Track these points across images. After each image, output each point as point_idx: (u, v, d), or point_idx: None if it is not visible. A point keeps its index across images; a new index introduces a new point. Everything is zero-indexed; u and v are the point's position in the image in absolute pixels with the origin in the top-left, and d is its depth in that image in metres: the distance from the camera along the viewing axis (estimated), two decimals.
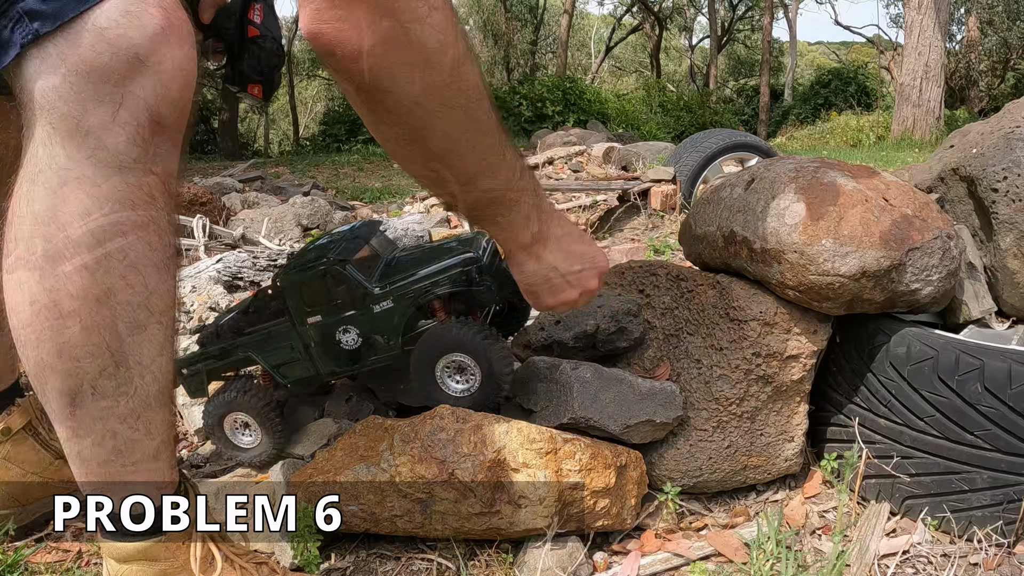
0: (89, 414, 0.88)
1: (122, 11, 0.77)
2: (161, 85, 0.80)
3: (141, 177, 0.82)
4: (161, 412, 0.95)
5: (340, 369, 1.47)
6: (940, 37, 12.09)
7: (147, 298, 0.86)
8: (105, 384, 0.87)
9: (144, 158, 0.81)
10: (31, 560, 1.33)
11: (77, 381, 0.86)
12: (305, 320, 1.43)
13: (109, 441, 0.91)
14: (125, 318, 0.85)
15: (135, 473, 0.96)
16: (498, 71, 27.48)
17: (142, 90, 0.79)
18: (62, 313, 0.82)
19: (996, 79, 19.45)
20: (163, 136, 0.83)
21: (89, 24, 0.76)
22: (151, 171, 0.82)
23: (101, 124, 0.78)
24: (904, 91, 12.52)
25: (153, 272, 0.86)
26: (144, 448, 0.94)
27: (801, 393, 1.49)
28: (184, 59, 0.81)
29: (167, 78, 0.80)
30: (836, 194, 1.39)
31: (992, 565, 1.26)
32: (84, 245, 0.81)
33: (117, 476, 0.95)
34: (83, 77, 0.76)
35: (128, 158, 0.80)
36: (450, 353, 1.35)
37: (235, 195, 5.13)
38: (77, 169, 0.79)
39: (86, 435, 0.90)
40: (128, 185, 0.81)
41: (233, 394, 1.50)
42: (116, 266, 0.82)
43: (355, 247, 1.44)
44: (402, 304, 1.38)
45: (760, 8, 25.72)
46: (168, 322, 0.91)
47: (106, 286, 0.82)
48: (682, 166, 4.39)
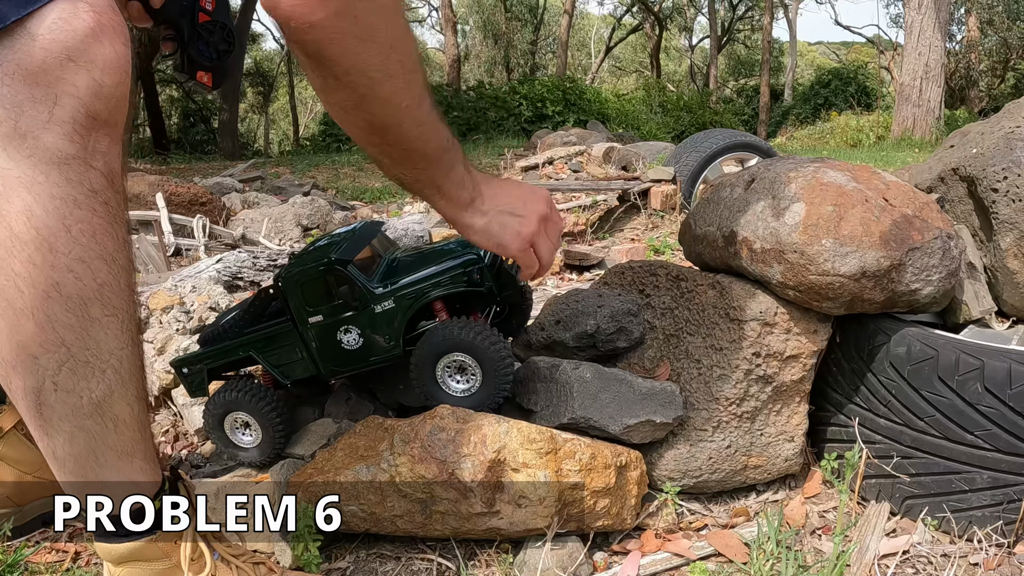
0: (55, 411, 0.90)
1: (55, 16, 0.80)
2: (94, 82, 0.82)
3: (82, 173, 0.84)
4: (129, 407, 0.96)
5: (341, 369, 1.47)
6: (940, 37, 12.09)
7: (98, 291, 0.88)
8: (65, 379, 0.88)
9: (83, 154, 0.84)
10: (30, 560, 1.33)
11: (39, 378, 0.87)
12: (306, 320, 1.43)
13: (80, 437, 0.92)
14: (77, 312, 0.86)
15: (110, 471, 0.97)
16: (498, 71, 27.49)
17: (75, 88, 0.81)
18: (16, 310, 0.84)
19: (996, 79, 19.45)
20: (100, 132, 0.86)
21: (24, 30, 0.79)
22: (91, 166, 0.85)
23: (38, 124, 0.80)
24: (904, 91, 12.52)
25: (102, 265, 0.88)
26: (115, 443, 0.95)
27: (801, 393, 1.49)
28: (116, 56, 0.84)
29: (100, 75, 0.83)
30: (836, 194, 1.39)
31: (992, 565, 1.26)
32: (30, 242, 0.83)
33: (93, 475, 0.96)
34: (19, 80, 0.79)
35: (67, 154, 0.82)
36: (450, 353, 1.35)
37: (235, 195, 5.14)
38: (17, 169, 0.81)
39: (56, 433, 0.92)
40: (68, 181, 0.83)
41: (233, 393, 1.50)
42: (62, 260, 0.84)
43: (357, 247, 1.44)
44: (403, 304, 1.38)
45: (760, 8, 25.73)
46: (124, 315, 0.93)
47: (54, 280, 0.84)
48: (682, 166, 4.39)
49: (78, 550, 1.38)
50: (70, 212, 0.84)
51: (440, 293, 1.38)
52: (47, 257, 0.83)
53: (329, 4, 0.90)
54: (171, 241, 3.72)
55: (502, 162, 6.97)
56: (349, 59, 0.96)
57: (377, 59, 0.98)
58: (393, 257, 1.51)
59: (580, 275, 3.41)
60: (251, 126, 26.05)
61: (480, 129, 13.39)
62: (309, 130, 24.24)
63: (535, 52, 27.54)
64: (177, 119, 19.49)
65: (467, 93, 14.90)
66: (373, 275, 1.42)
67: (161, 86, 17.93)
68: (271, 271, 2.90)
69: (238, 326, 1.53)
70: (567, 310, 1.58)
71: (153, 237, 3.77)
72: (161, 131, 16.12)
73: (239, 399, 1.49)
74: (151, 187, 4.21)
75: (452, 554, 1.32)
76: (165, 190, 4.14)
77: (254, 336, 1.49)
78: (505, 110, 13.86)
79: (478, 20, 28.24)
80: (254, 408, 1.49)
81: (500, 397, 1.38)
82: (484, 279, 1.37)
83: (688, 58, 32.95)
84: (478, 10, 27.84)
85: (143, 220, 3.96)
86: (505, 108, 13.89)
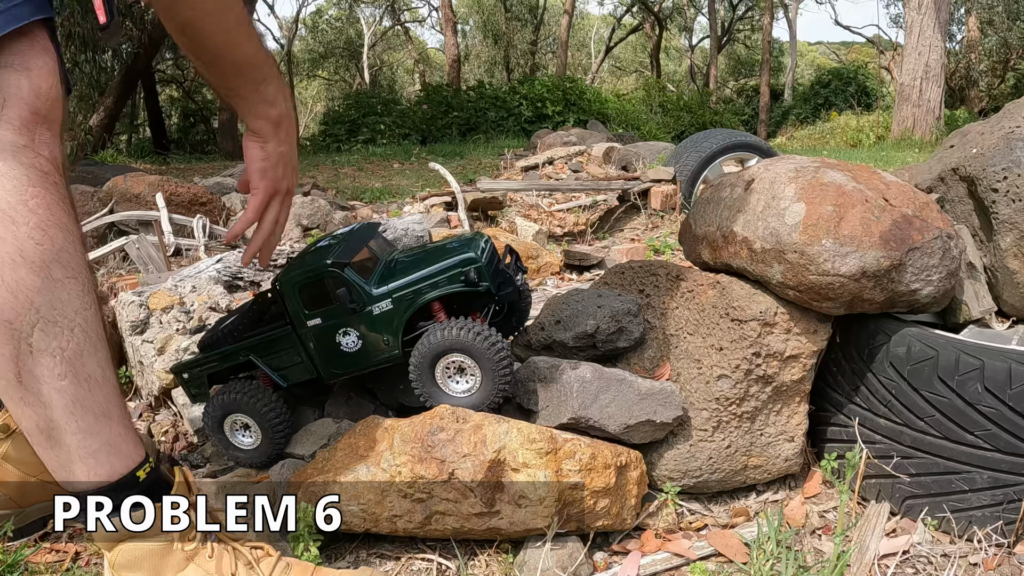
0: (33, 377, 0.99)
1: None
2: (34, 86, 0.99)
3: (32, 158, 0.99)
4: (100, 368, 1.04)
5: (340, 371, 1.47)
6: (940, 37, 12.09)
7: (57, 255, 0.99)
8: (39, 340, 0.98)
9: (32, 144, 0.99)
10: (31, 560, 1.33)
11: (15, 341, 0.97)
12: (305, 323, 1.43)
13: (57, 401, 1.00)
14: (40, 274, 0.98)
15: (91, 437, 1.03)
16: (498, 71, 27.50)
17: (20, 91, 0.97)
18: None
19: (996, 79, 19.44)
20: (43, 126, 1.00)
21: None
22: (39, 154, 1.00)
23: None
24: (904, 91, 12.51)
25: (58, 232, 1.00)
26: (92, 404, 1.03)
27: (801, 393, 1.49)
28: (48, 65, 1.01)
29: (37, 80, 0.99)
30: (836, 194, 1.39)
31: (992, 565, 1.26)
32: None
33: (75, 441, 1.03)
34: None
35: (19, 144, 0.97)
36: (449, 354, 1.35)
37: (235, 195, 5.13)
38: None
39: (35, 400, 1.00)
40: (23, 164, 0.97)
41: (233, 395, 1.50)
42: (23, 230, 0.97)
43: (354, 249, 1.44)
44: (401, 305, 1.38)
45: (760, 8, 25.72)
46: (83, 279, 1.04)
47: (17, 247, 0.96)
48: (682, 166, 4.39)
49: (78, 550, 1.38)
50: (26, 190, 0.97)
51: (437, 294, 1.38)
52: (9, 228, 0.96)
53: None
54: (171, 241, 3.71)
55: (502, 162, 6.97)
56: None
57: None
58: (391, 258, 1.51)
59: (580, 275, 3.41)
60: None
61: (480, 129, 13.39)
62: (309, 130, 24.25)
63: (535, 52, 27.53)
64: (177, 119, 19.48)
65: (467, 93, 14.88)
66: (371, 277, 1.42)
67: (161, 86, 17.92)
68: (271, 271, 2.90)
69: (237, 330, 1.54)
70: (567, 310, 1.58)
71: (153, 237, 3.77)
72: (161, 131, 16.11)
73: (238, 400, 1.49)
74: (151, 187, 4.21)
75: (452, 554, 1.32)
76: (165, 190, 4.14)
77: (253, 340, 1.49)
78: (505, 110, 13.85)
79: (478, 20, 28.25)
80: (253, 409, 1.49)
81: (500, 397, 1.38)
82: (481, 278, 1.37)
83: (688, 58, 32.94)
84: (478, 10, 27.85)
85: (143, 220, 3.96)
86: (505, 108, 13.88)
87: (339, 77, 29.07)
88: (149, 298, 2.28)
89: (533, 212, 4.35)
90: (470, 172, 7.00)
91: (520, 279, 1.54)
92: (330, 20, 29.61)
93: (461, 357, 1.35)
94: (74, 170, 6.79)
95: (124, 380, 2.32)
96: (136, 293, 2.35)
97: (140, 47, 11.65)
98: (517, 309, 1.62)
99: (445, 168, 4.86)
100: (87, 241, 3.78)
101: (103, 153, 10.47)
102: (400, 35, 30.52)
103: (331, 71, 29.06)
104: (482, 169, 7.43)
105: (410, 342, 1.41)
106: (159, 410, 2.04)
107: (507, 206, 4.49)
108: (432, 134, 13.45)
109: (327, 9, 30.10)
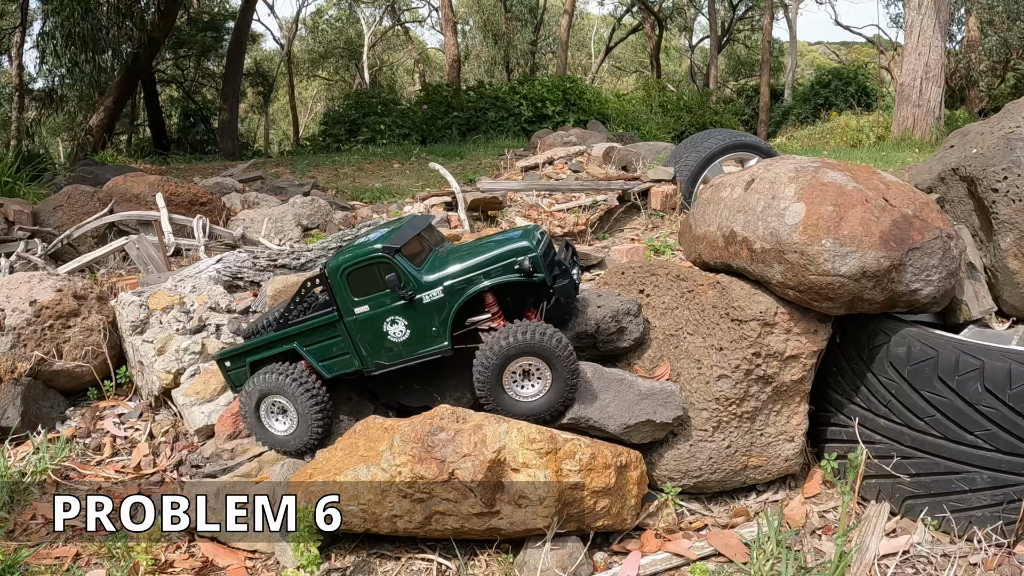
0: None
1: None
2: None
3: None
4: None
5: (387, 362, 1.44)
6: (940, 37, 12.07)
7: None
8: None
9: None
10: (31, 560, 1.33)
11: None
12: (352, 310, 1.40)
13: None
14: None
15: None
16: (498, 71, 27.49)
17: None
18: None
19: (996, 79, 19.41)
20: None
21: None
22: None
23: None
24: (904, 91, 12.50)
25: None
26: None
27: (801, 393, 1.49)
28: None
29: None
30: (836, 194, 1.39)
31: (992, 565, 1.26)
32: None
33: None
34: None
35: None
36: (519, 358, 1.31)
37: (235, 195, 5.12)
38: None
39: None
40: None
41: (274, 375, 1.44)
42: None
43: (405, 236, 1.41)
44: (452, 295, 1.36)
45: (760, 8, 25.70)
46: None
47: None
48: (682, 166, 4.39)
49: (78, 551, 1.38)
50: None
51: (490, 283, 1.34)
52: None
53: None
54: (171, 241, 3.71)
55: (502, 162, 6.96)
56: None
57: None
58: (443, 249, 1.49)
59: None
60: (251, 126, 26.05)
61: (480, 129, 13.37)
62: (309, 130, 24.23)
63: (535, 52, 27.50)
64: (177, 119, 19.46)
65: (467, 93, 14.86)
66: (422, 265, 1.39)
67: (161, 86, 17.91)
68: (271, 271, 2.89)
69: (284, 318, 1.51)
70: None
71: (153, 237, 3.77)
72: (161, 131, 16.10)
73: (279, 381, 1.44)
74: (151, 187, 4.21)
75: (452, 554, 1.32)
76: (165, 190, 4.14)
77: (298, 327, 1.47)
78: (505, 110, 13.83)
79: (478, 20, 28.20)
80: (293, 393, 1.44)
81: (571, 398, 1.35)
82: (536, 268, 1.33)
83: (688, 58, 32.91)
84: (478, 10, 27.80)
85: (143, 220, 3.96)
86: (505, 108, 13.86)
87: (339, 77, 29.05)
88: (149, 298, 2.28)
89: (533, 212, 4.35)
90: (470, 172, 7.00)
91: (576, 273, 1.49)
92: (330, 20, 29.58)
93: (530, 360, 1.32)
94: (74, 170, 6.78)
95: (124, 380, 2.32)
96: (136, 293, 2.35)
97: (140, 47, 11.64)
98: (561, 303, 1.53)
99: (445, 168, 4.86)
100: (87, 241, 3.78)
101: (103, 153, 10.46)
102: (400, 35, 30.49)
103: (331, 71, 29.03)
104: (482, 169, 7.42)
105: (460, 338, 1.38)
106: (159, 410, 2.04)
107: (507, 206, 4.49)
108: (432, 134, 13.43)
109: (327, 9, 30.07)
